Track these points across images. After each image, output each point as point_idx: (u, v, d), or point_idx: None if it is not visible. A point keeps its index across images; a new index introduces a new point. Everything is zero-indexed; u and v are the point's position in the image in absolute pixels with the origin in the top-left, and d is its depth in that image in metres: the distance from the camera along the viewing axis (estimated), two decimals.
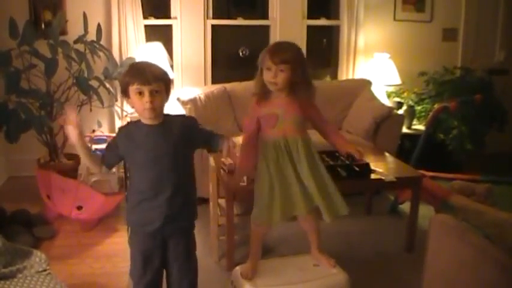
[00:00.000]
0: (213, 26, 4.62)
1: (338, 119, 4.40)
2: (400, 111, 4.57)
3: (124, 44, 4.24)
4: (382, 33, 4.91)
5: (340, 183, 2.90)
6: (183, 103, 4.00)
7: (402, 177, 3.09)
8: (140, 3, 4.24)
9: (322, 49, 5.08)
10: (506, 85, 4.95)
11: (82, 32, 3.89)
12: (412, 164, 3.46)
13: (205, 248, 3.08)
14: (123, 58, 4.21)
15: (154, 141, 1.95)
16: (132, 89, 1.91)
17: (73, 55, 3.77)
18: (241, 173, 2.66)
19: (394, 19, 4.94)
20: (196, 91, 4.15)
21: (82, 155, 2.05)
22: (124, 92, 1.96)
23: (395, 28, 4.94)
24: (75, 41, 3.87)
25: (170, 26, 4.52)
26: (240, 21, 4.80)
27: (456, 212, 2.91)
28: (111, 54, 4.13)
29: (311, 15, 4.83)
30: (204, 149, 2.58)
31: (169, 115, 2.04)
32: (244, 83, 4.33)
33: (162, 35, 4.47)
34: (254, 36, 4.96)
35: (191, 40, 4.52)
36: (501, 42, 5.27)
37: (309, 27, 4.82)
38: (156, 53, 4.10)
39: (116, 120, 4.37)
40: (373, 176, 3.01)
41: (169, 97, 2.00)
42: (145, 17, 4.35)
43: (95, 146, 3.83)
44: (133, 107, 1.99)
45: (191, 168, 2.08)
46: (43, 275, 2.18)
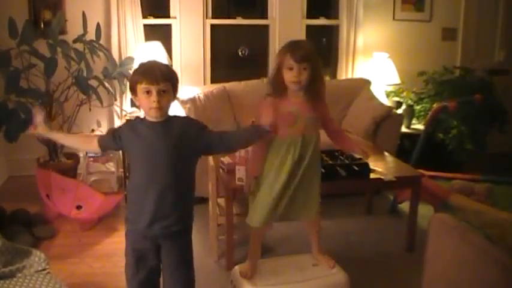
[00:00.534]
0: (213, 26, 4.62)
1: (337, 119, 4.38)
2: (399, 110, 4.56)
3: (123, 44, 4.24)
4: (381, 32, 4.91)
5: (339, 182, 2.90)
6: (182, 103, 3.99)
7: (402, 176, 3.09)
8: (139, 2, 4.23)
9: (321, 49, 5.07)
10: (506, 85, 4.95)
11: (81, 32, 3.90)
12: (412, 164, 3.46)
13: (204, 248, 3.08)
14: (122, 58, 4.21)
15: (154, 135, 1.96)
16: (140, 88, 1.92)
17: (72, 55, 3.77)
18: (251, 176, 2.48)
19: (394, 19, 4.93)
20: (195, 90, 4.15)
21: (63, 142, 2.18)
22: (132, 90, 1.98)
23: (394, 28, 4.94)
24: (74, 41, 3.87)
25: (169, 26, 4.52)
26: (240, 20, 4.79)
27: (456, 212, 2.90)
28: (110, 53, 4.13)
29: (310, 14, 4.83)
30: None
31: (175, 116, 2.04)
32: (243, 83, 4.34)
33: (162, 35, 4.46)
34: (253, 35, 4.95)
35: (190, 39, 4.52)
36: (501, 42, 5.27)
37: (308, 26, 4.82)
38: (156, 53, 4.08)
39: (115, 119, 4.37)
40: (372, 176, 3.01)
41: (176, 96, 2.01)
42: (144, 17, 4.34)
43: None
44: (139, 105, 2.01)
45: (189, 170, 2.05)
46: (42, 275, 2.18)
